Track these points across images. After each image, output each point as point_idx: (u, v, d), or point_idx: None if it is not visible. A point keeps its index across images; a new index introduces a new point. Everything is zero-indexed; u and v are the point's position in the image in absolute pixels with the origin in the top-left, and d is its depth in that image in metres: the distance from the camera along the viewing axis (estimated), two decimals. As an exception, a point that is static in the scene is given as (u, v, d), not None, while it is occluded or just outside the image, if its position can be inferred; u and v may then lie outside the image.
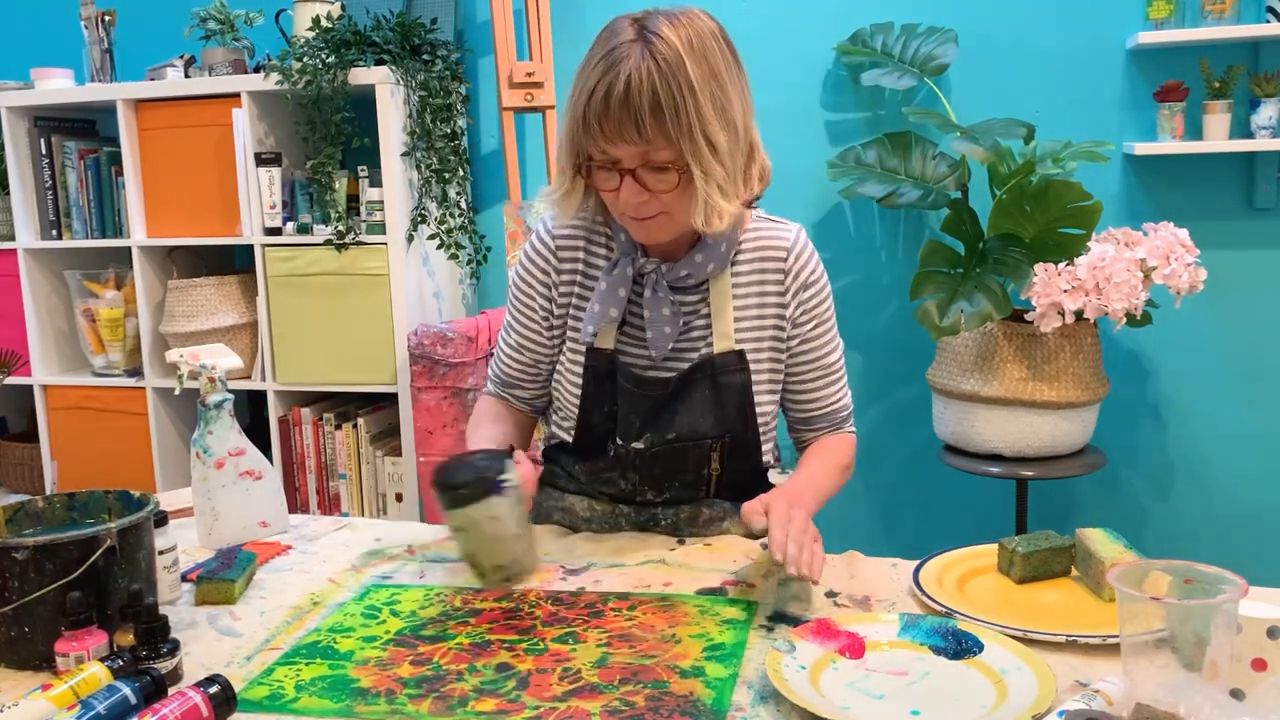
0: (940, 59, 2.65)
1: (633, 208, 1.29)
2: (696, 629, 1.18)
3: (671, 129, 1.22)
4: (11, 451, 3.23)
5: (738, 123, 1.29)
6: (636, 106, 1.21)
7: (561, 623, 1.21)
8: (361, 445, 2.87)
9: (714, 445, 1.42)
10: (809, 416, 1.50)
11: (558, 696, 1.03)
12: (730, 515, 1.50)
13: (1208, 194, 2.69)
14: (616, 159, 1.27)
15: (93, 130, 3.23)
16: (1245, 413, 2.75)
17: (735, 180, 1.30)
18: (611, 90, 1.22)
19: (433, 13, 2.85)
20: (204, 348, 1.54)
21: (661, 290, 1.38)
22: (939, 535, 2.82)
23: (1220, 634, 0.89)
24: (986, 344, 2.47)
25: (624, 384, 1.41)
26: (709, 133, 1.24)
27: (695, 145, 1.24)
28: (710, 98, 1.24)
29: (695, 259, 1.38)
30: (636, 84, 1.21)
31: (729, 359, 1.40)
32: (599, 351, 1.42)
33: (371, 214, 2.79)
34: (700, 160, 1.25)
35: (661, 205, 1.29)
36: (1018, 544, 1.28)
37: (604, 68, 1.23)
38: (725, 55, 1.28)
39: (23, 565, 1.09)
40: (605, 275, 1.39)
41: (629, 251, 1.39)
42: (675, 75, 1.22)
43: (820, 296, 1.44)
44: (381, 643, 1.17)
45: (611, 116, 1.23)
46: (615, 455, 1.45)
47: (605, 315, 1.39)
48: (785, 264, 1.42)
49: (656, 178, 1.27)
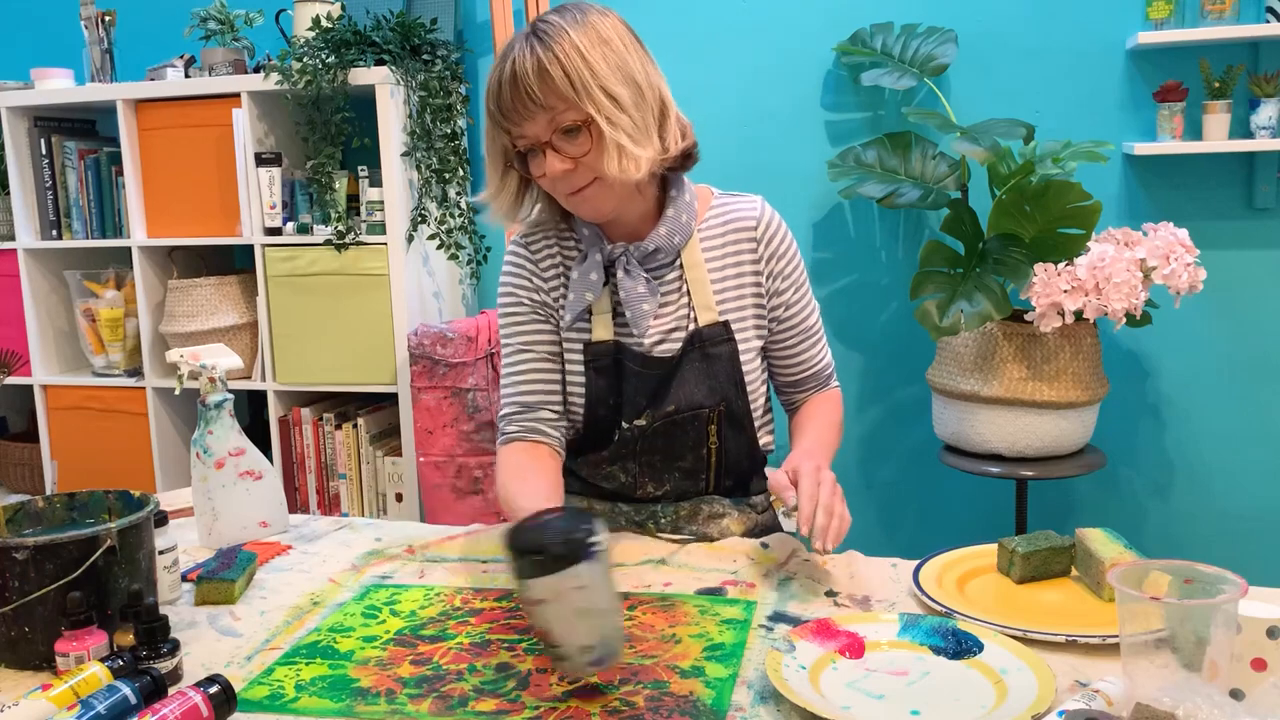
0: (940, 59, 2.65)
1: (562, 179, 1.34)
2: (696, 629, 1.18)
3: (565, 89, 1.29)
4: (11, 451, 3.23)
5: (638, 80, 1.34)
6: (523, 79, 1.29)
7: None
8: (361, 445, 2.87)
9: (711, 415, 1.45)
10: (797, 379, 1.56)
11: (558, 697, 1.03)
12: (730, 511, 1.51)
13: (1207, 194, 2.69)
14: (534, 136, 1.32)
15: (93, 130, 3.23)
16: (1245, 413, 2.75)
17: (648, 132, 1.34)
18: (504, 74, 1.31)
19: (433, 13, 2.85)
20: (204, 348, 1.54)
21: (634, 268, 1.42)
22: (939, 535, 2.82)
23: (1220, 634, 0.89)
24: (986, 344, 2.47)
25: (631, 366, 1.44)
26: (605, 85, 1.30)
27: (594, 99, 1.29)
28: (601, 57, 1.31)
29: (660, 232, 1.43)
30: (521, 62, 1.30)
31: (715, 330, 1.45)
32: (598, 344, 1.45)
33: (371, 214, 2.79)
34: (603, 110, 1.30)
35: (590, 171, 1.33)
36: (1018, 544, 1.28)
37: (499, 62, 1.33)
38: (616, 26, 1.35)
39: (23, 565, 1.09)
40: (577, 266, 1.44)
41: (595, 243, 1.44)
42: (559, 44, 1.29)
43: (794, 262, 1.50)
44: (381, 643, 1.17)
45: (505, 96, 1.31)
46: (620, 440, 1.47)
47: (581, 299, 1.43)
48: (755, 233, 1.48)
49: (571, 143, 1.31)
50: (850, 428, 2.89)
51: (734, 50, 2.89)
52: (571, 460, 1.53)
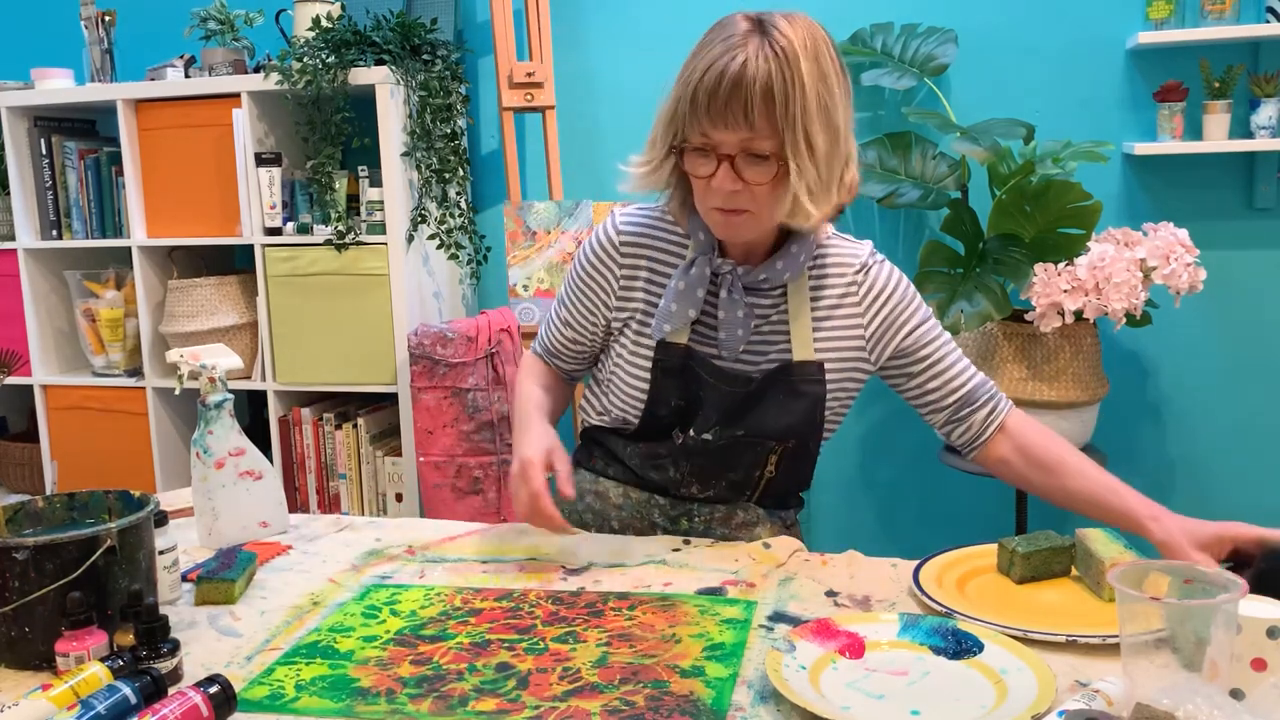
0: (940, 59, 2.65)
1: (723, 197, 1.28)
2: (696, 629, 1.18)
3: (779, 119, 1.23)
4: (11, 451, 3.23)
5: (839, 129, 1.29)
6: (749, 90, 1.22)
7: (561, 622, 1.21)
8: (361, 445, 2.87)
9: (776, 448, 1.42)
10: (963, 395, 1.44)
11: (558, 696, 1.03)
12: (764, 522, 1.50)
13: (1207, 194, 2.69)
14: (717, 144, 1.26)
15: (93, 130, 3.23)
16: (1245, 413, 2.75)
17: (829, 185, 1.29)
18: (727, 70, 1.22)
19: (433, 13, 2.85)
20: (204, 348, 1.54)
21: (737, 292, 1.38)
22: (939, 535, 2.82)
23: (1220, 634, 0.89)
24: (986, 344, 2.47)
25: (706, 378, 1.41)
26: (810, 131, 1.24)
27: (796, 140, 1.24)
28: (817, 97, 1.24)
29: (776, 265, 1.38)
30: (753, 69, 1.22)
31: (809, 368, 1.40)
32: (671, 346, 1.41)
33: (371, 214, 2.79)
34: (798, 156, 1.25)
35: (751, 198, 1.28)
36: (1018, 544, 1.28)
37: (722, 49, 1.24)
38: (835, 62, 1.29)
39: (23, 565, 1.08)
40: (682, 275, 1.39)
41: (706, 251, 1.39)
42: (790, 67, 1.22)
43: (904, 302, 1.42)
44: (381, 642, 1.18)
45: (721, 96, 1.23)
46: (681, 444, 1.44)
47: (683, 315, 1.39)
48: (858, 278, 1.42)
49: (754, 168, 1.26)
50: (850, 428, 2.89)
51: (734, 50, 2.89)
52: (623, 448, 1.50)
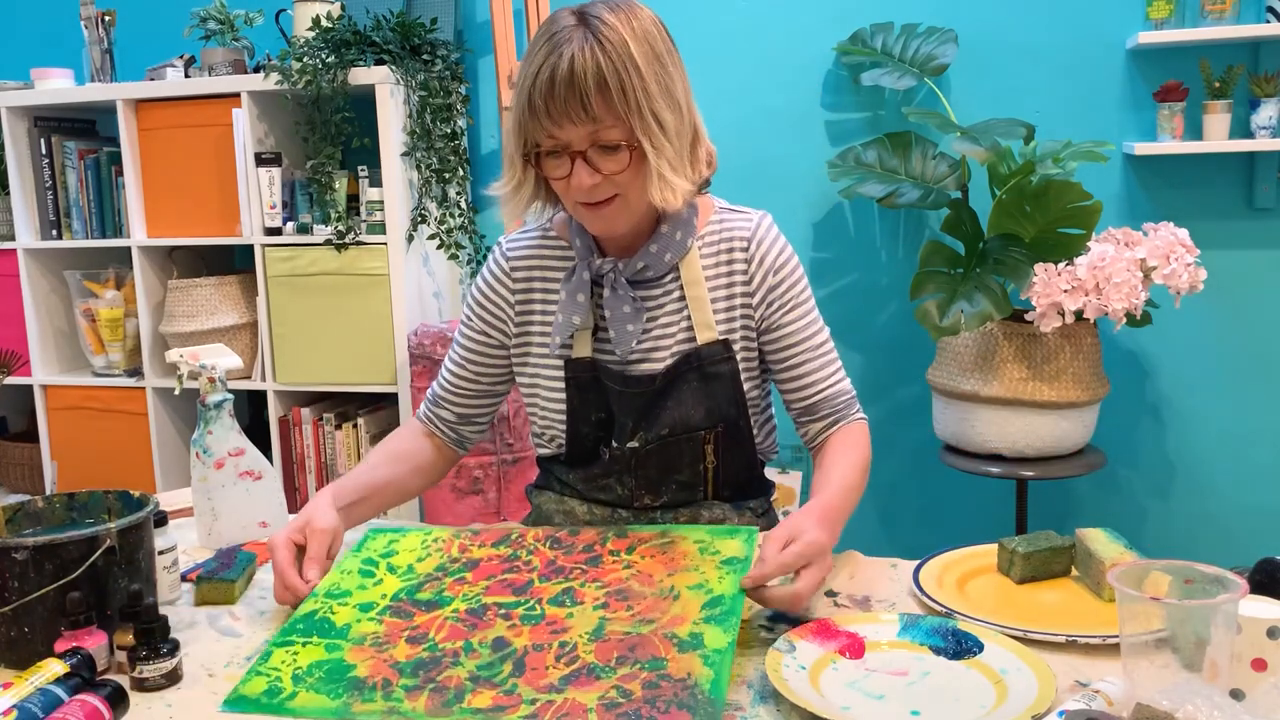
0: (940, 59, 2.65)
1: (585, 192, 1.28)
2: (696, 577, 1.18)
3: (619, 105, 1.24)
4: (11, 451, 3.23)
5: (682, 104, 1.31)
6: (582, 85, 1.22)
7: (559, 575, 1.21)
8: (362, 445, 2.87)
9: (707, 437, 1.42)
10: (810, 404, 1.43)
11: (554, 685, 1.03)
12: (730, 517, 1.50)
13: (1207, 194, 2.69)
14: (566, 143, 1.27)
15: (93, 130, 3.23)
16: (1245, 413, 2.75)
17: (684, 160, 1.31)
18: (556, 71, 1.22)
19: (433, 13, 2.85)
20: (204, 348, 1.54)
21: (622, 289, 1.38)
22: (939, 535, 2.82)
23: (1220, 634, 0.89)
24: (986, 344, 2.47)
25: (612, 386, 1.41)
26: (656, 109, 1.26)
27: (644, 122, 1.25)
28: (654, 77, 1.26)
29: (650, 250, 1.38)
30: (581, 63, 1.22)
31: (715, 349, 1.40)
32: (578, 361, 1.42)
33: (371, 214, 2.79)
34: (650, 135, 1.26)
35: (615, 187, 1.29)
36: (1018, 544, 1.28)
37: (547, 51, 1.24)
38: (665, 40, 1.30)
39: (23, 565, 1.08)
40: (564, 283, 1.40)
41: (585, 255, 1.40)
42: (619, 54, 1.24)
43: (790, 280, 1.41)
44: (378, 610, 1.18)
45: (557, 96, 1.23)
46: (611, 459, 1.44)
47: (569, 324, 1.39)
48: (748, 252, 1.41)
49: (607, 159, 1.27)
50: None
51: (734, 50, 2.89)
52: (566, 473, 1.51)
